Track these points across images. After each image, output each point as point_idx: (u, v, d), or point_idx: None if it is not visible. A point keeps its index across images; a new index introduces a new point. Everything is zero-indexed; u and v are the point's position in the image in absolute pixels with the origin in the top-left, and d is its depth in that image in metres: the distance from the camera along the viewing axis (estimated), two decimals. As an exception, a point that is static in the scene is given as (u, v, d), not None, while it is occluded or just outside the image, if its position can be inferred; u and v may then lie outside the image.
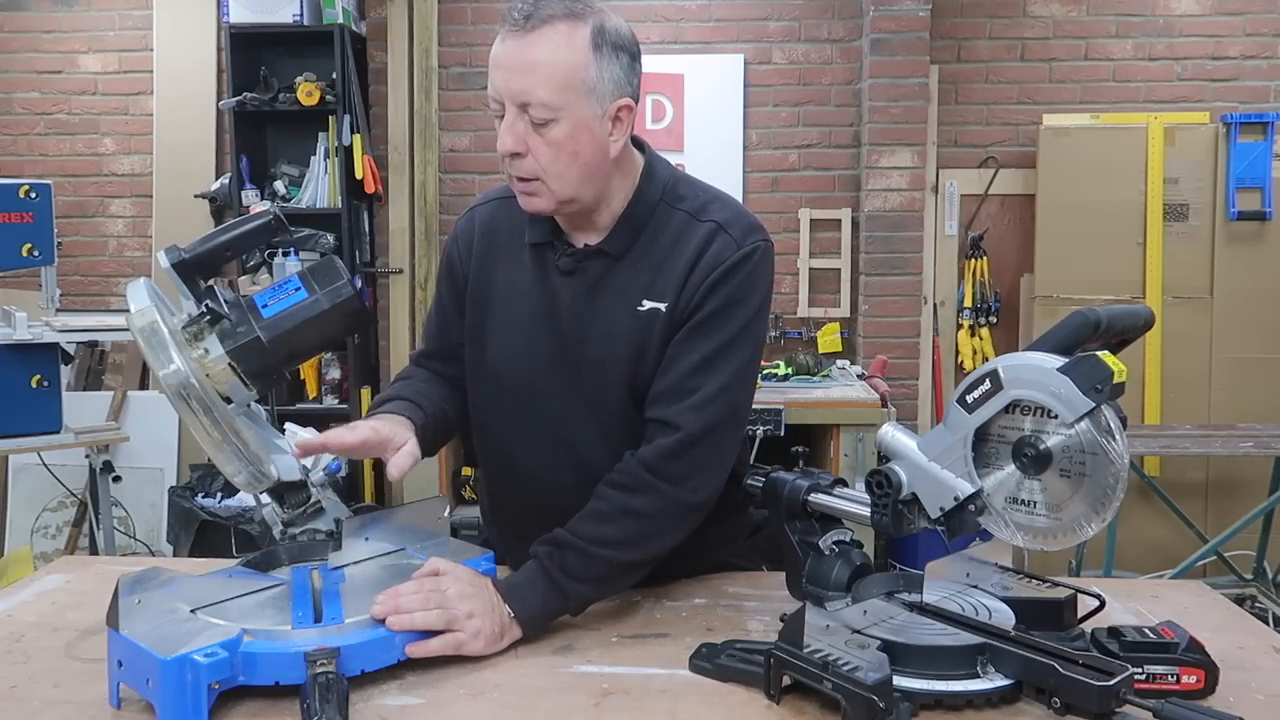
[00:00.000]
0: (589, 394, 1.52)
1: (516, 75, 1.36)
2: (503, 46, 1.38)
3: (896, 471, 1.27)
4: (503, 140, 1.39)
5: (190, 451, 4.50)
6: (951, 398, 1.24)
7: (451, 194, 4.76)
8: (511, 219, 1.58)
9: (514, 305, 1.56)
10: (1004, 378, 1.19)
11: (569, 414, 1.54)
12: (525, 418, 1.56)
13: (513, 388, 1.56)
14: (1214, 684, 1.16)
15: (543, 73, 1.35)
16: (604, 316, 1.50)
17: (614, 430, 1.51)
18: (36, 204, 3.19)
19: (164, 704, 1.08)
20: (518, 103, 1.37)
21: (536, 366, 1.54)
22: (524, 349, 1.54)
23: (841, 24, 4.61)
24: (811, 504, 1.40)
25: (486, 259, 1.60)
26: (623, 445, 1.48)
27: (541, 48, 1.35)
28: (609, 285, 1.50)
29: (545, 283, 1.54)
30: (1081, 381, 1.12)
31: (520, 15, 1.36)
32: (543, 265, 1.54)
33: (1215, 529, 4.07)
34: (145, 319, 1.24)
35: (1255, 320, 4.38)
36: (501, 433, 1.61)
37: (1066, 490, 1.17)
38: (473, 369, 1.62)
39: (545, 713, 1.15)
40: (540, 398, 1.54)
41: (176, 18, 4.77)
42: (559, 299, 1.52)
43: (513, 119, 1.38)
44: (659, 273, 1.48)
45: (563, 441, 1.55)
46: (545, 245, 1.53)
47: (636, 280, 1.49)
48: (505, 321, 1.56)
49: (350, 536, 1.42)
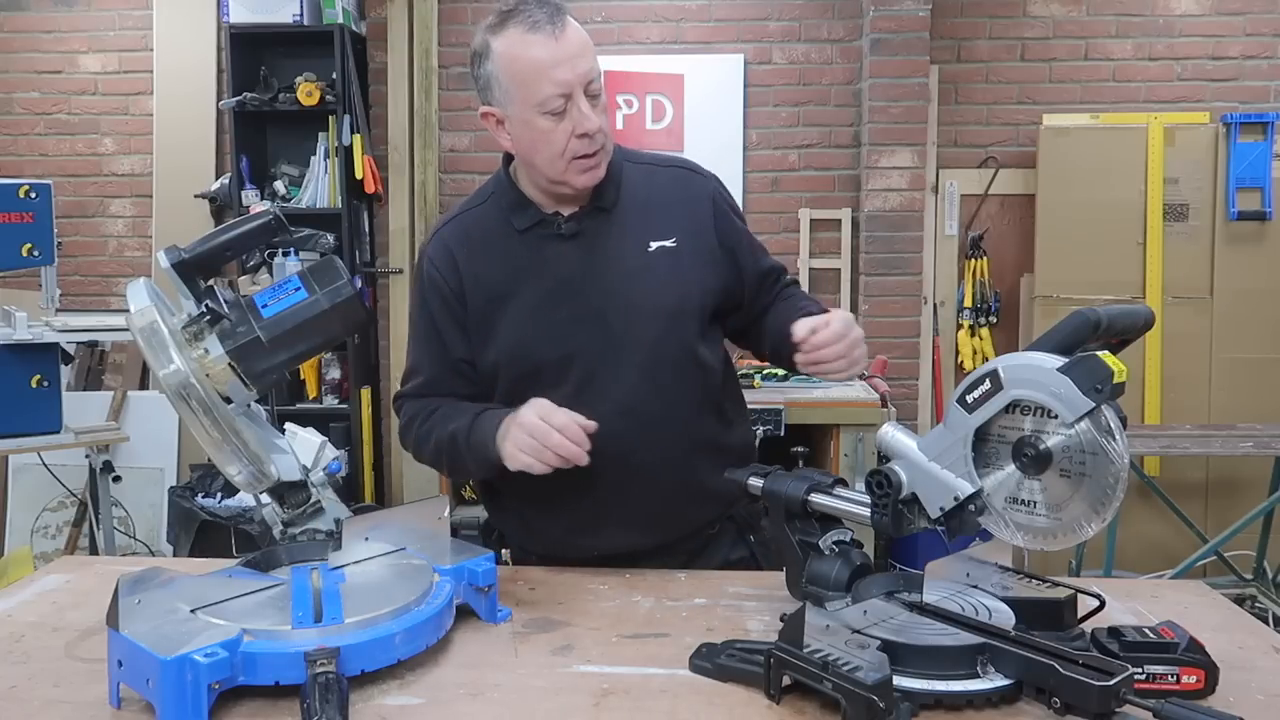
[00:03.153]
0: (623, 338, 1.63)
1: (581, 60, 1.54)
2: (549, 46, 1.52)
3: (896, 471, 1.27)
4: (591, 120, 1.55)
5: (190, 451, 4.50)
6: (951, 398, 1.24)
7: (451, 194, 4.76)
8: (477, 227, 1.69)
9: (522, 290, 1.64)
10: (1004, 378, 1.19)
11: (607, 367, 1.63)
12: (565, 386, 1.62)
13: (546, 361, 1.63)
14: (1214, 684, 1.16)
15: (590, 52, 1.56)
16: (618, 262, 1.65)
17: (654, 370, 1.63)
18: (36, 204, 3.19)
19: (164, 704, 1.08)
20: (584, 84, 1.54)
21: (566, 332, 1.62)
22: (547, 324, 1.63)
23: (841, 24, 4.61)
24: (811, 504, 1.40)
25: (473, 264, 1.67)
26: (663, 383, 1.62)
27: (579, 33, 1.55)
28: (613, 235, 1.66)
29: (548, 258, 1.65)
30: (1081, 381, 1.12)
31: (545, 16, 1.53)
32: (537, 245, 1.66)
33: (1215, 529, 4.07)
34: (145, 319, 1.24)
35: (1255, 320, 4.38)
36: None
37: (1066, 490, 1.17)
38: (495, 363, 1.66)
39: (545, 713, 1.15)
40: (576, 359, 1.63)
41: (176, 18, 4.77)
42: (568, 264, 1.64)
43: (585, 102, 1.55)
44: (653, 217, 1.67)
45: (605, 395, 1.62)
46: (536, 225, 1.66)
47: (635, 226, 1.66)
48: (519, 308, 1.64)
49: (350, 536, 1.42)
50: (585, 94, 1.54)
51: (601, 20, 4.63)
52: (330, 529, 1.43)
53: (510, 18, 1.54)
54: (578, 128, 1.54)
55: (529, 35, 1.52)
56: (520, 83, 1.54)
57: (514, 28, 1.53)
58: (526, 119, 1.56)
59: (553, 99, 1.53)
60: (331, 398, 4.69)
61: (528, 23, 1.52)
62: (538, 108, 1.54)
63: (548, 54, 1.52)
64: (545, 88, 1.53)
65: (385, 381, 4.76)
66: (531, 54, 1.52)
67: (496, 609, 1.41)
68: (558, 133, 1.55)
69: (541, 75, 1.52)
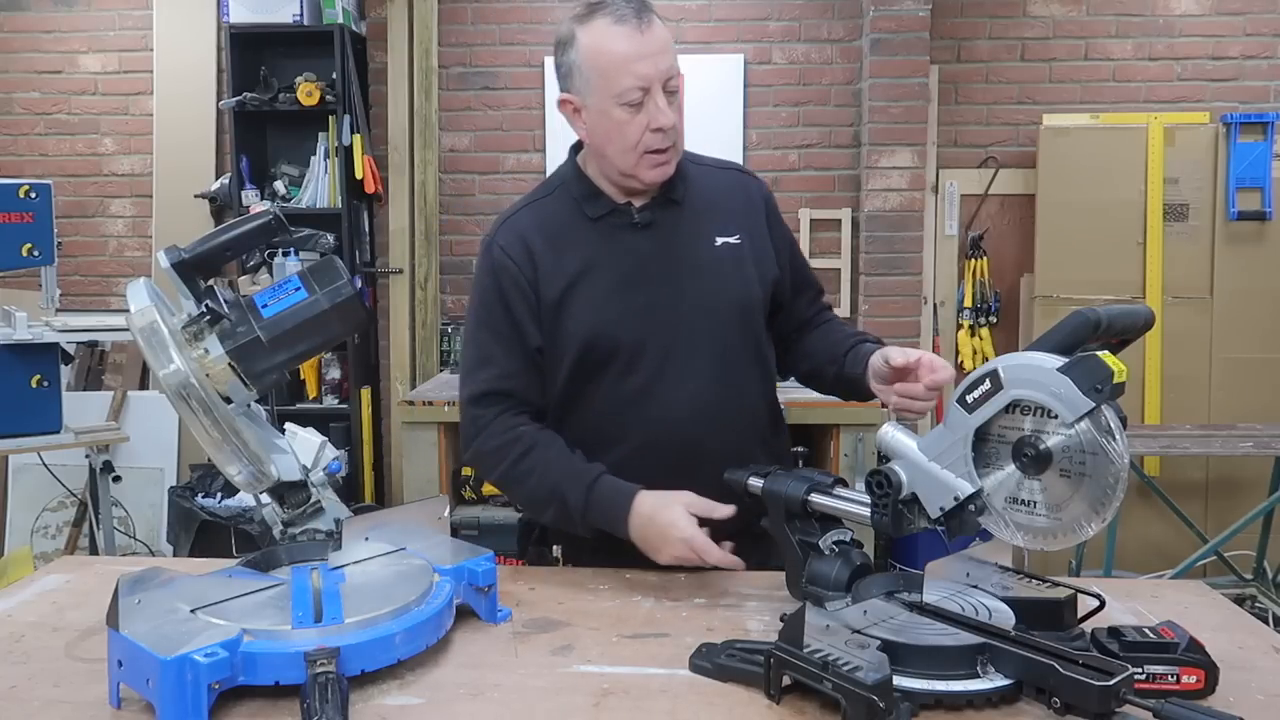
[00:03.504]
0: (695, 330, 1.66)
1: (662, 57, 1.58)
2: (634, 40, 1.56)
3: (896, 471, 1.27)
4: (666, 116, 1.58)
5: (190, 451, 4.50)
6: (951, 398, 1.24)
7: (451, 194, 4.76)
8: (550, 215, 1.72)
9: (595, 279, 1.66)
10: (1004, 378, 1.19)
11: (679, 358, 1.65)
12: (636, 376, 1.65)
13: (620, 350, 1.65)
14: (1214, 684, 1.16)
15: (672, 51, 1.61)
16: (691, 255, 1.69)
17: (724, 363, 1.67)
18: (36, 204, 3.19)
19: (164, 704, 1.08)
20: (664, 80, 1.58)
21: (640, 321, 1.64)
22: (622, 312, 1.65)
23: (841, 24, 4.60)
24: (812, 504, 1.41)
25: (548, 251, 1.68)
26: (731, 376, 1.66)
27: (662, 31, 1.60)
28: (683, 228, 1.70)
29: (621, 246, 1.68)
30: (1081, 381, 1.12)
31: (631, 10, 1.57)
32: (611, 233, 1.68)
33: (1215, 529, 4.07)
34: (145, 319, 1.24)
35: (1255, 320, 4.38)
36: (607, 400, 1.67)
37: (1066, 490, 1.17)
38: (567, 351, 1.67)
39: (545, 713, 1.15)
40: (649, 349, 1.65)
41: (176, 18, 4.77)
42: (642, 254, 1.67)
43: (662, 97, 1.58)
44: (719, 213, 1.72)
45: (677, 385, 1.65)
46: (609, 214, 1.69)
47: (703, 222, 1.71)
48: (592, 295, 1.66)
49: (350, 536, 1.42)
50: (663, 90, 1.58)
51: (601, 20, 4.63)
52: (330, 529, 1.43)
53: (598, 9, 1.59)
54: (653, 122, 1.58)
55: (615, 27, 1.56)
56: (601, 73, 1.58)
57: (601, 19, 1.58)
58: (604, 109, 1.59)
59: (631, 91, 1.57)
60: (331, 398, 4.69)
61: (614, 15, 1.57)
62: (616, 99, 1.57)
63: (631, 47, 1.56)
64: (625, 80, 1.56)
65: (385, 381, 4.76)
66: (615, 46, 1.56)
67: (496, 609, 1.41)
68: (633, 125, 1.58)
69: (623, 67, 1.56)
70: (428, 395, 4.08)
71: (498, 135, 4.73)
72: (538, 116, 4.69)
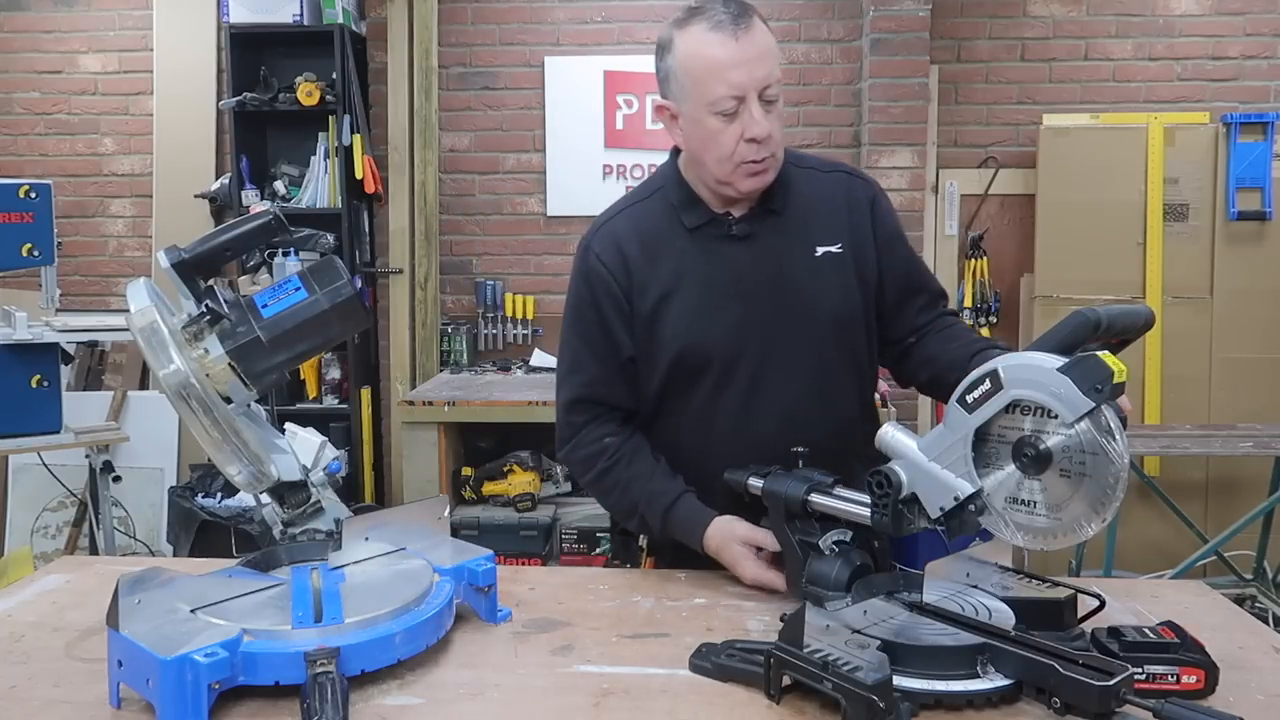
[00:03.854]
0: (792, 343, 1.63)
1: (759, 65, 1.53)
2: (729, 46, 1.52)
3: (896, 471, 1.27)
4: (760, 126, 1.53)
5: (190, 451, 4.50)
6: (952, 398, 1.24)
7: (451, 194, 4.76)
8: (647, 222, 1.69)
9: (689, 289, 1.64)
10: (1004, 378, 1.19)
11: (774, 370, 1.63)
12: (731, 389, 1.63)
13: (714, 362, 1.63)
14: (1214, 684, 1.16)
15: (773, 57, 1.56)
16: (788, 267, 1.64)
17: (820, 376, 1.64)
18: (36, 204, 3.18)
19: (164, 704, 1.08)
20: (760, 89, 1.53)
21: (735, 334, 1.62)
22: (717, 324, 1.63)
23: (841, 24, 4.61)
24: (812, 504, 1.40)
25: (643, 261, 1.66)
26: (828, 389, 1.63)
27: (763, 36, 1.55)
28: (782, 239, 1.66)
29: (717, 257, 1.65)
30: (1082, 381, 1.12)
31: (729, 16, 1.53)
32: (707, 244, 1.65)
33: (1215, 529, 4.06)
34: (145, 319, 1.24)
35: (1255, 320, 4.38)
36: (698, 412, 1.66)
37: (1067, 490, 1.17)
38: (658, 364, 1.66)
39: (545, 713, 1.15)
40: (744, 361, 1.63)
41: (176, 18, 4.77)
42: (738, 266, 1.64)
43: (758, 106, 1.54)
44: (820, 221, 1.67)
45: (772, 399, 1.63)
46: (707, 224, 1.66)
47: (803, 232, 1.66)
48: (687, 307, 1.64)
49: (350, 536, 1.41)
50: (760, 99, 1.54)
51: (601, 20, 4.64)
52: (330, 529, 1.43)
53: (696, 14, 1.55)
54: (747, 131, 1.54)
55: (710, 34, 1.53)
56: (695, 80, 1.55)
57: (698, 25, 1.54)
58: (698, 117, 1.57)
59: (725, 100, 1.53)
60: (331, 398, 4.68)
61: (711, 21, 1.53)
62: (709, 107, 1.54)
63: (726, 54, 1.52)
64: (718, 88, 1.53)
65: (385, 381, 4.76)
66: (710, 52, 1.53)
67: (496, 609, 1.41)
68: (727, 135, 1.55)
69: (716, 75, 1.53)
70: (428, 395, 4.08)
71: (498, 135, 4.74)
72: (538, 116, 4.69)
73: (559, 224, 4.75)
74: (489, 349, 4.76)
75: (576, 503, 4.15)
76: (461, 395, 4.04)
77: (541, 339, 4.74)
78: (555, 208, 4.73)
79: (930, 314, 1.76)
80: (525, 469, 4.06)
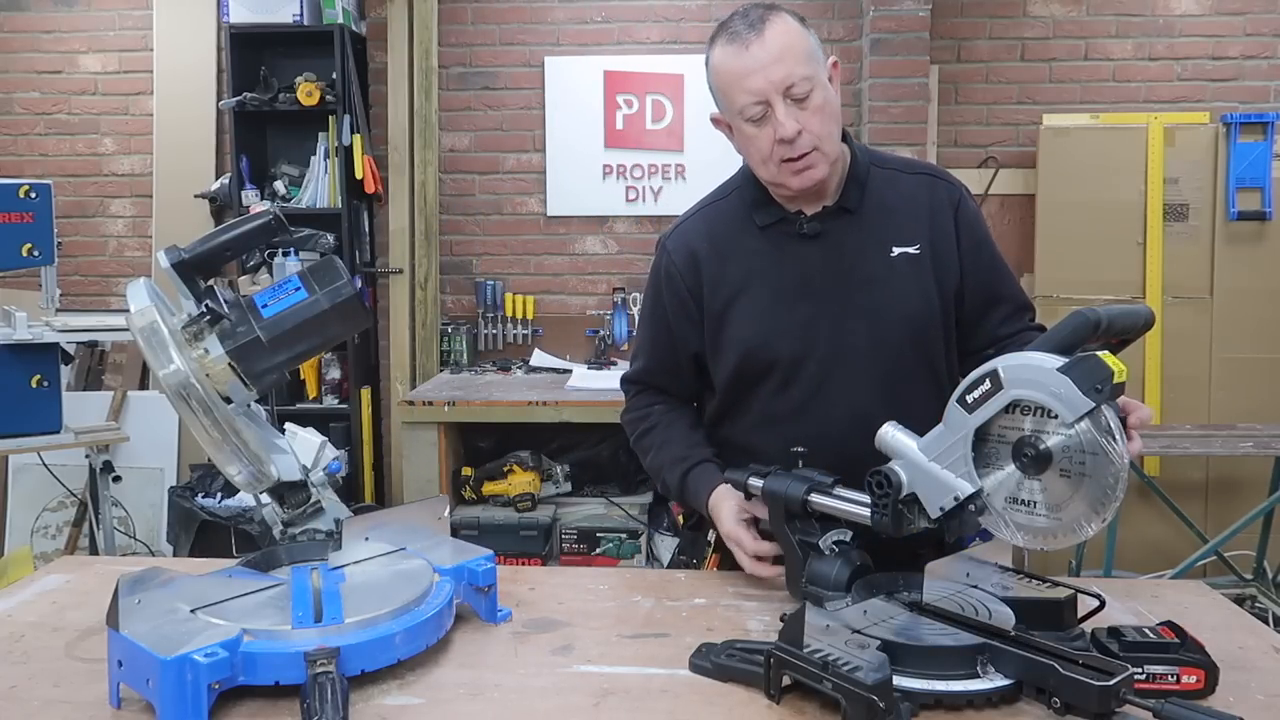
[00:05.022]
0: (861, 343, 1.62)
1: (775, 67, 1.53)
2: (743, 55, 1.54)
3: (896, 471, 1.27)
4: (787, 127, 1.53)
5: (190, 451, 4.50)
6: (952, 398, 1.24)
7: (451, 194, 4.76)
8: (720, 221, 1.71)
9: (759, 288, 1.65)
10: (1004, 378, 1.19)
11: (842, 371, 1.63)
12: (796, 388, 1.64)
13: (779, 361, 1.64)
14: (1214, 684, 1.16)
15: (793, 54, 1.54)
16: (861, 267, 1.63)
17: (891, 378, 1.62)
18: (36, 204, 3.19)
19: (164, 704, 1.08)
20: (782, 89, 1.54)
21: (802, 333, 1.63)
22: (784, 323, 1.63)
23: (841, 24, 4.61)
24: (812, 504, 1.40)
25: (716, 260, 1.69)
26: (899, 392, 1.60)
27: (779, 37, 1.54)
28: (856, 238, 1.64)
29: (787, 256, 1.66)
30: (1082, 382, 1.12)
31: (745, 25, 1.55)
32: (778, 243, 1.66)
33: (1215, 529, 4.07)
34: (145, 319, 1.24)
35: (1255, 320, 4.38)
36: (764, 412, 1.68)
37: (1067, 490, 1.17)
38: (726, 361, 1.68)
39: (545, 713, 1.15)
40: (809, 361, 1.63)
41: (176, 18, 4.77)
42: (808, 265, 1.64)
43: (783, 107, 1.54)
44: (898, 221, 1.65)
45: (838, 400, 1.63)
46: (778, 223, 1.67)
47: (880, 231, 1.64)
48: (755, 306, 1.65)
49: (350, 536, 1.41)
50: (787, 97, 1.54)
51: (601, 20, 4.64)
52: (330, 529, 1.43)
53: (721, 30, 1.60)
54: (776, 134, 1.55)
55: (728, 47, 1.57)
56: (724, 93, 1.60)
57: (720, 40, 1.59)
58: (738, 126, 1.61)
59: (750, 107, 1.56)
60: (331, 398, 4.68)
61: (728, 34, 1.57)
62: (739, 115, 1.58)
63: (741, 64, 1.55)
64: (740, 97, 1.56)
65: (385, 381, 4.76)
66: (729, 65, 1.57)
67: (496, 609, 1.41)
68: (761, 139, 1.57)
69: (735, 85, 1.56)
70: (428, 395, 4.08)
71: (498, 135, 4.74)
72: (538, 116, 4.69)
73: (559, 224, 4.75)
74: (489, 349, 4.76)
75: (576, 503, 4.15)
76: (461, 395, 4.04)
77: (541, 339, 4.74)
78: (555, 208, 4.73)
79: (1013, 326, 1.71)
80: (525, 469, 4.06)
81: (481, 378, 4.48)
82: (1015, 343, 1.64)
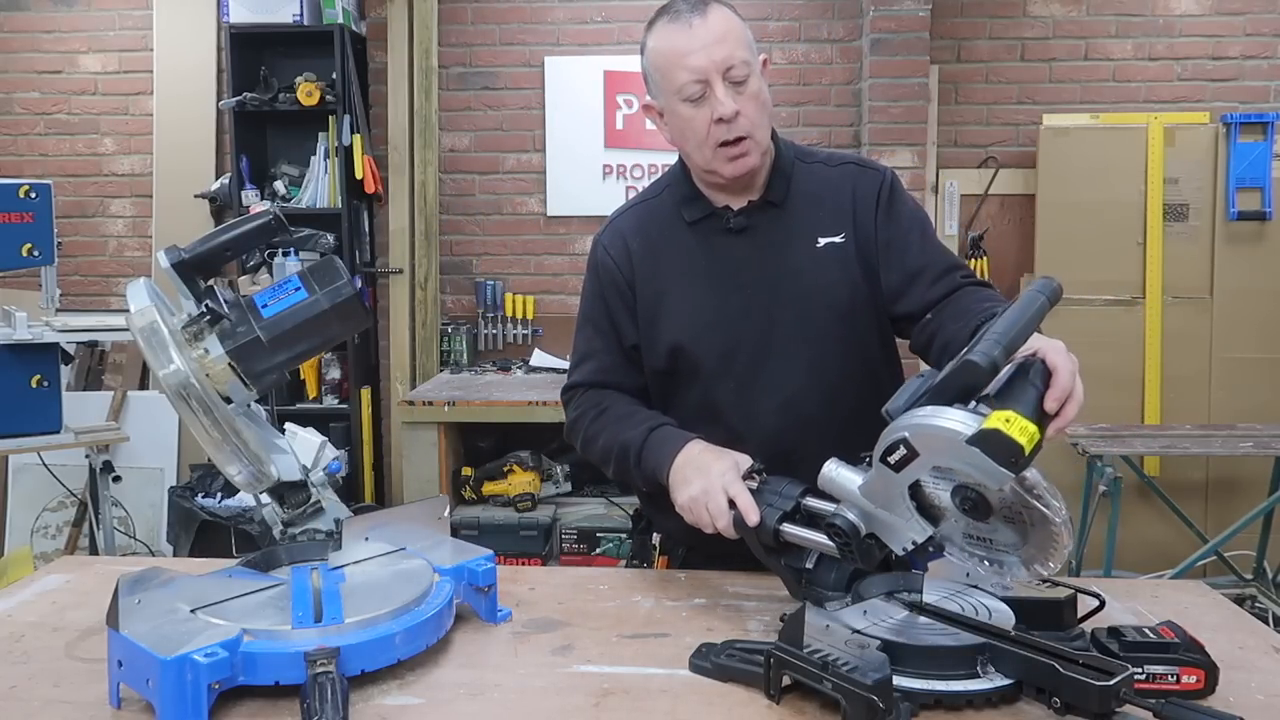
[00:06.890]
0: (789, 334, 1.63)
1: (717, 47, 1.55)
2: (687, 33, 1.56)
3: (848, 519, 1.24)
4: (726, 105, 1.54)
5: (190, 451, 4.50)
6: (876, 454, 1.18)
7: (451, 194, 4.76)
8: (651, 219, 1.73)
9: (689, 283, 1.66)
10: (916, 446, 1.14)
11: (772, 362, 1.64)
12: (728, 380, 1.65)
13: (710, 355, 1.65)
14: (1214, 684, 1.16)
15: (734, 37, 1.56)
16: (789, 258, 1.65)
17: (821, 369, 1.64)
18: (36, 204, 3.19)
19: (164, 704, 1.08)
20: (722, 70, 1.55)
21: (731, 326, 1.64)
22: (713, 316, 1.64)
23: (841, 24, 4.61)
24: (784, 535, 1.36)
25: (649, 255, 1.70)
26: (829, 382, 1.62)
27: (722, 21, 1.57)
28: (782, 231, 1.66)
29: (716, 251, 1.67)
30: (994, 455, 1.07)
31: (688, 6, 1.58)
32: (707, 237, 1.68)
33: (1215, 529, 4.07)
34: (145, 319, 1.24)
35: (1255, 320, 4.38)
36: (697, 405, 1.67)
37: (1015, 535, 1.16)
38: (659, 355, 1.68)
39: (545, 713, 1.15)
40: (740, 354, 1.64)
41: (176, 18, 4.77)
42: (736, 257, 1.66)
43: (722, 87, 1.55)
44: (823, 213, 1.67)
45: (768, 390, 1.63)
46: (706, 218, 1.68)
47: (805, 223, 1.66)
48: (685, 300, 1.66)
49: (350, 536, 1.41)
50: (726, 80, 1.55)
51: (601, 20, 4.64)
52: (330, 529, 1.43)
53: (662, 12, 1.62)
54: (715, 112, 1.56)
55: (669, 25, 1.59)
56: (663, 72, 1.60)
57: (660, 20, 1.61)
58: (673, 108, 1.61)
59: (689, 85, 1.56)
60: (331, 398, 4.69)
61: (671, 13, 1.59)
62: (677, 95, 1.58)
63: (684, 41, 1.56)
64: (680, 75, 1.56)
65: (385, 381, 4.76)
66: (670, 43, 1.58)
67: (496, 609, 1.41)
68: (698, 119, 1.58)
69: (676, 63, 1.57)
70: (428, 395, 4.08)
71: (497, 135, 4.74)
72: (538, 116, 4.69)
73: (559, 224, 4.75)
74: (489, 349, 4.76)
75: (576, 503, 4.15)
76: (461, 395, 4.04)
77: (541, 339, 4.74)
78: (555, 208, 4.73)
79: (942, 288, 1.66)
80: (525, 469, 4.07)
81: (481, 378, 4.49)
82: (949, 305, 1.60)
